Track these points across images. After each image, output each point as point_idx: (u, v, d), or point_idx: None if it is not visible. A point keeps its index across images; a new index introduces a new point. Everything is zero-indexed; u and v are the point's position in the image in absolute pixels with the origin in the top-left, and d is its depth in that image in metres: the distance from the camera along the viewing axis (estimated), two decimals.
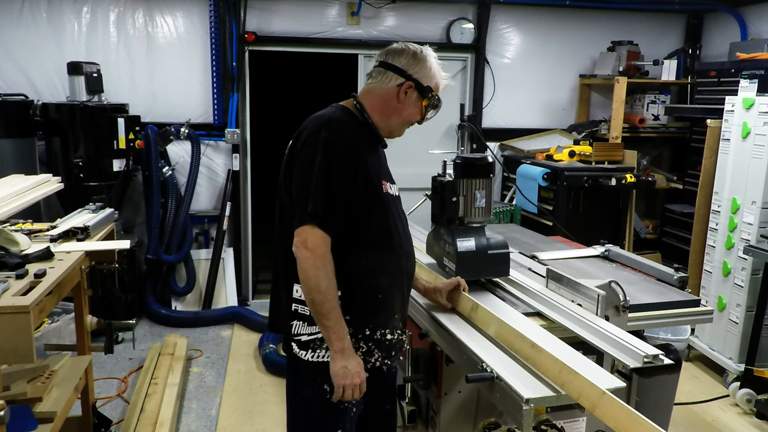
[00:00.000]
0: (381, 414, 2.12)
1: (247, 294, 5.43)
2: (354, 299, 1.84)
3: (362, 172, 1.82)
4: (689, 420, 3.53)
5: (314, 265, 1.73)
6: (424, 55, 1.95)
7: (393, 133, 2.00)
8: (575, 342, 1.92)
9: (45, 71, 4.87)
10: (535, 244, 3.22)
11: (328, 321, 1.75)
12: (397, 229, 1.93)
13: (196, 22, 5.08)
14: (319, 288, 1.74)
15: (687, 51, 5.57)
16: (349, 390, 1.79)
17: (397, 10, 5.31)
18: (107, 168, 4.57)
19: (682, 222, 5.10)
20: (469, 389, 2.24)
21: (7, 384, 2.21)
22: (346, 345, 1.78)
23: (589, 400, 1.51)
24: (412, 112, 1.96)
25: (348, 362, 1.78)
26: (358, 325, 1.86)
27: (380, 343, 1.90)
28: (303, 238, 1.74)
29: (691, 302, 2.42)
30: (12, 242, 2.33)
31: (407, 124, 2.00)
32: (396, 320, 1.94)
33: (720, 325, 3.95)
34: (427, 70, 1.94)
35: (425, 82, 1.93)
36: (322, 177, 1.75)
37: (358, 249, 1.85)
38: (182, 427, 3.41)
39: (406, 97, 1.92)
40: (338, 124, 1.84)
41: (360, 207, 1.82)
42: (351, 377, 1.78)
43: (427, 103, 1.95)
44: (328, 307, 1.75)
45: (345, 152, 1.79)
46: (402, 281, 1.97)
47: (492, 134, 5.57)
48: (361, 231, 1.85)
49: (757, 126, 3.71)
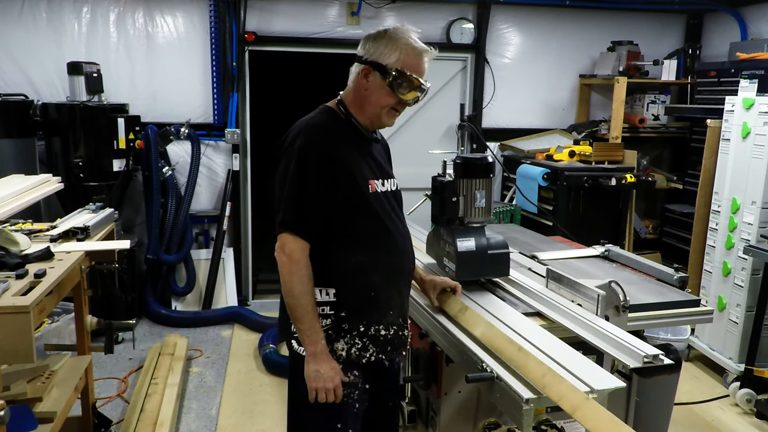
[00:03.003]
0: (383, 411, 2.13)
1: (247, 294, 5.43)
2: (347, 297, 1.87)
3: (342, 175, 1.81)
4: (689, 420, 3.53)
5: (289, 270, 1.79)
6: (385, 33, 1.83)
7: (375, 123, 1.91)
8: (575, 342, 1.92)
9: (45, 71, 4.87)
10: (535, 244, 3.22)
11: (302, 324, 1.81)
12: (388, 227, 1.91)
13: (196, 22, 5.08)
14: (293, 293, 1.79)
15: (687, 51, 5.57)
16: (322, 393, 1.82)
17: (397, 10, 5.31)
18: (107, 168, 4.57)
19: (682, 222, 5.10)
20: (469, 389, 2.24)
21: (7, 384, 2.21)
22: (319, 349, 1.82)
23: (570, 404, 1.51)
24: (380, 95, 1.83)
25: (320, 366, 1.81)
26: (352, 322, 1.88)
27: (375, 339, 1.92)
28: (281, 243, 1.81)
29: (691, 302, 2.42)
30: (12, 242, 2.33)
31: (386, 110, 1.87)
32: (391, 316, 1.95)
33: (720, 325, 3.95)
34: (384, 47, 1.81)
35: (383, 61, 1.80)
36: (294, 186, 1.79)
37: (347, 248, 1.87)
38: (182, 427, 3.41)
39: (368, 82, 1.84)
40: (316, 130, 1.84)
41: (342, 210, 1.83)
42: (323, 381, 1.81)
43: (389, 82, 1.80)
44: (302, 312, 1.79)
45: (319, 158, 1.79)
46: (397, 278, 1.97)
47: (492, 134, 5.57)
48: (348, 231, 1.86)
49: (757, 126, 3.71)
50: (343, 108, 1.91)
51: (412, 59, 1.83)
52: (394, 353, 2.02)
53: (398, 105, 1.87)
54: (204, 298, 5.08)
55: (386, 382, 2.09)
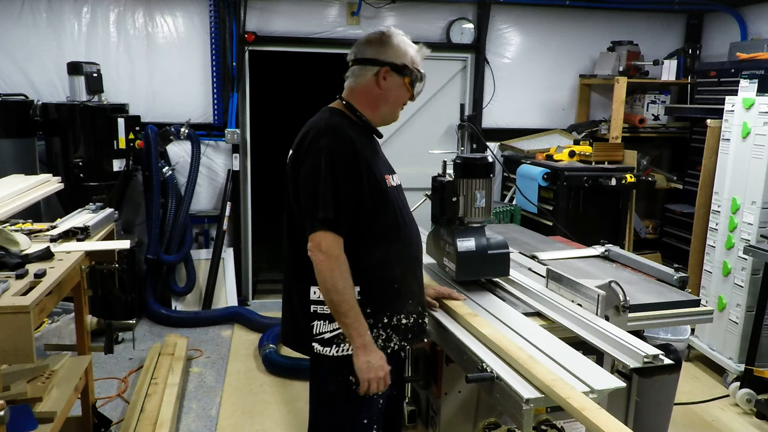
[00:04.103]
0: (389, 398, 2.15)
1: (247, 294, 5.42)
2: (372, 291, 1.92)
3: (366, 172, 1.88)
4: (689, 420, 3.53)
5: (329, 267, 1.81)
6: (389, 36, 1.98)
7: (387, 120, 2.05)
8: (575, 342, 1.92)
9: (45, 71, 4.87)
10: (535, 244, 3.22)
11: (348, 319, 1.83)
12: (404, 219, 2.00)
13: (196, 22, 5.08)
14: (336, 288, 1.81)
15: (687, 51, 5.57)
16: (374, 383, 1.86)
17: (397, 10, 5.31)
18: (107, 168, 4.57)
19: (682, 222, 5.10)
20: (469, 389, 2.24)
21: (7, 384, 2.21)
22: (367, 340, 1.86)
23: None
24: (398, 93, 1.99)
25: (370, 357, 1.85)
26: (377, 316, 1.93)
27: (397, 328, 1.97)
28: (317, 242, 1.82)
29: (691, 302, 2.42)
30: (12, 242, 2.33)
31: (399, 107, 2.03)
32: (411, 305, 2.00)
33: (720, 325, 3.95)
34: (396, 49, 1.96)
35: (399, 61, 1.95)
36: (328, 183, 1.82)
37: (369, 244, 1.92)
38: (182, 427, 3.41)
39: (386, 82, 1.97)
40: (336, 129, 1.89)
41: (367, 205, 1.89)
42: (375, 371, 1.85)
43: (409, 80, 1.97)
44: (347, 306, 1.82)
45: (347, 157, 1.85)
46: (414, 267, 2.05)
47: (492, 134, 5.57)
48: (371, 227, 1.92)
49: (757, 126, 3.71)
50: (352, 109, 1.98)
51: (417, 56, 2.00)
52: (415, 340, 2.07)
53: (408, 100, 2.02)
54: (204, 298, 5.08)
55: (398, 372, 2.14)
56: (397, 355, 2.04)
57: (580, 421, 1.49)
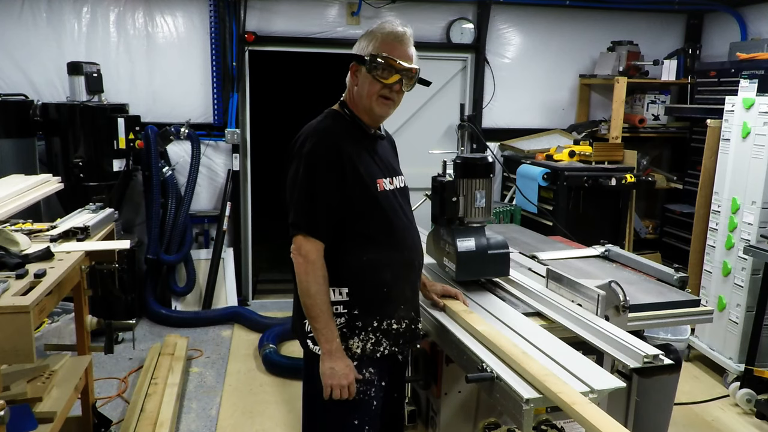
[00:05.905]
0: (390, 401, 2.15)
1: (247, 294, 5.42)
2: (361, 294, 1.92)
3: (351, 176, 1.87)
4: (689, 420, 3.53)
5: (305, 270, 1.84)
6: (368, 30, 1.96)
7: (371, 115, 1.95)
8: (575, 342, 1.92)
9: (45, 71, 4.87)
10: (535, 244, 3.22)
11: (317, 323, 1.85)
12: (399, 224, 1.97)
13: (196, 22, 5.08)
14: (309, 292, 1.84)
15: (687, 51, 5.57)
16: (336, 390, 1.86)
17: (397, 10, 5.31)
18: (107, 168, 4.57)
19: (682, 222, 5.10)
20: (469, 389, 2.24)
21: (7, 384, 2.21)
22: (334, 347, 1.86)
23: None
24: (364, 85, 1.90)
25: (335, 363, 1.86)
26: (366, 318, 1.93)
27: (387, 333, 1.96)
28: (297, 245, 1.86)
29: (691, 302, 2.42)
30: (12, 242, 2.33)
31: (375, 98, 1.90)
32: (403, 310, 1.99)
33: (720, 325, 3.95)
34: (363, 41, 1.93)
35: (363, 53, 1.90)
36: (305, 189, 1.84)
37: (359, 247, 1.91)
38: (182, 427, 3.41)
39: (357, 78, 1.94)
40: (322, 133, 1.89)
41: (353, 209, 1.89)
42: (338, 378, 1.85)
43: (367, 69, 1.88)
44: (317, 311, 1.84)
45: (328, 162, 1.85)
46: (408, 273, 2.02)
47: (492, 134, 5.57)
48: (359, 231, 1.91)
49: (757, 126, 3.71)
50: (346, 109, 1.98)
51: (387, 43, 1.89)
52: (407, 346, 2.06)
53: (385, 91, 1.90)
54: (204, 298, 5.08)
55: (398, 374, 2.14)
56: (390, 359, 2.02)
57: (570, 415, 1.49)
